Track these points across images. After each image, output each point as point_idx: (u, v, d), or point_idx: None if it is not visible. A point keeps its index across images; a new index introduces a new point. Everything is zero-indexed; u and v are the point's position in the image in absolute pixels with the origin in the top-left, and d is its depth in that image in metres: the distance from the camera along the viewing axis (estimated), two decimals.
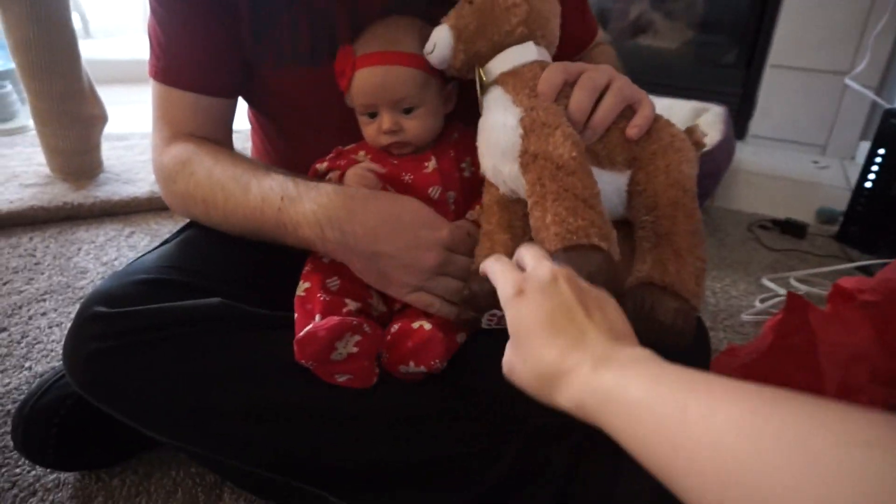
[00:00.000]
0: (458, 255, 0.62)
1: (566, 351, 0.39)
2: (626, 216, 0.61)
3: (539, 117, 0.55)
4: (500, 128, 0.58)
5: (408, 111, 0.64)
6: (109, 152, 1.67)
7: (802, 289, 1.20)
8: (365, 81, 0.63)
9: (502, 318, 0.56)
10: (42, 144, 1.51)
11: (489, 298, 0.56)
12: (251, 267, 0.66)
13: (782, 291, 1.17)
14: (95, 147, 1.55)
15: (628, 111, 0.59)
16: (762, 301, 1.16)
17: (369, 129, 0.67)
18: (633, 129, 0.58)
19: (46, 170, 1.54)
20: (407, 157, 0.68)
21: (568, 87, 0.58)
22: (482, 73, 0.61)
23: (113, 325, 0.56)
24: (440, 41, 0.61)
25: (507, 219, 0.62)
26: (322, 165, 0.68)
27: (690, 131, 0.62)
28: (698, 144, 0.62)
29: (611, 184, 0.58)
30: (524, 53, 0.60)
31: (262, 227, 0.62)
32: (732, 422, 0.28)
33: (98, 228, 1.36)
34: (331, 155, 0.70)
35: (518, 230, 0.61)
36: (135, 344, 0.55)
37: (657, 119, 0.60)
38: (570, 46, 0.77)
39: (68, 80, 1.42)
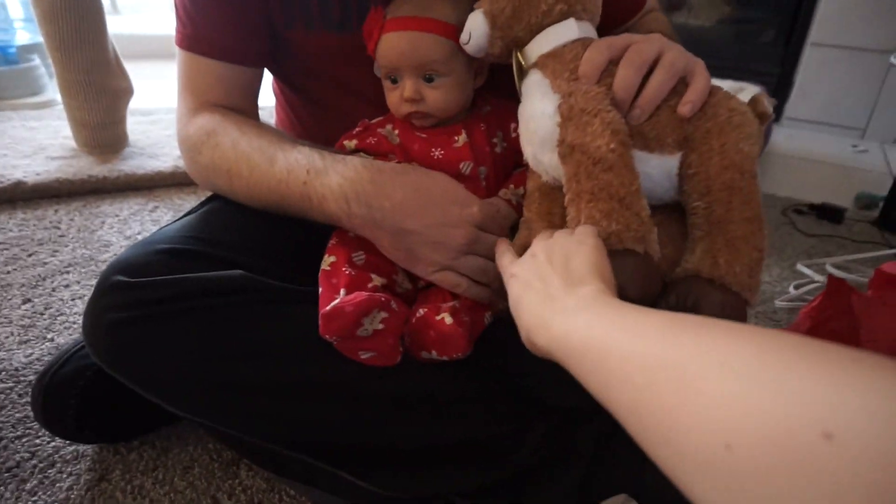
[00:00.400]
0: (489, 234, 0.60)
1: (535, 308, 0.44)
2: (677, 200, 0.57)
3: (577, 104, 0.51)
4: (538, 116, 0.55)
5: (430, 80, 0.61)
6: (135, 127, 1.67)
7: (839, 275, 1.16)
8: (390, 45, 0.61)
9: None
10: (68, 117, 1.51)
11: None
12: (275, 240, 0.65)
13: (818, 277, 1.13)
14: (121, 120, 1.55)
15: (681, 85, 0.54)
16: (797, 287, 1.12)
17: (392, 96, 0.64)
18: (686, 105, 0.53)
19: (73, 143, 1.55)
20: (436, 131, 0.65)
21: (613, 65, 0.54)
22: (521, 58, 0.58)
23: (132, 295, 0.54)
24: (475, 29, 0.57)
25: (547, 207, 0.59)
26: (351, 143, 0.66)
27: (755, 102, 0.56)
28: (763, 116, 0.56)
29: (660, 167, 0.54)
30: (564, 33, 0.56)
31: (286, 200, 0.61)
32: (640, 358, 0.31)
33: (122, 202, 1.36)
34: (358, 129, 0.67)
35: (557, 218, 0.58)
36: (154, 314, 0.54)
37: (713, 92, 0.54)
38: (617, 17, 0.74)
39: (95, 50, 1.42)
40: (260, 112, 0.75)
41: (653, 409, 0.28)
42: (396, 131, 0.66)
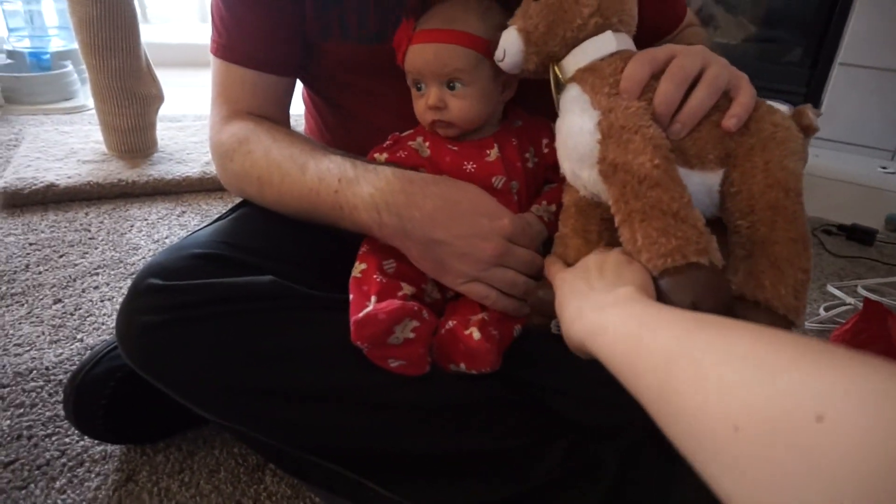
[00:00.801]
0: (519, 248, 0.59)
1: (576, 304, 0.48)
2: (717, 217, 0.55)
3: (618, 120, 0.50)
4: (577, 132, 0.54)
5: (453, 88, 0.62)
6: (164, 132, 1.69)
7: (871, 298, 1.14)
8: (416, 56, 0.62)
9: None
10: (100, 122, 1.54)
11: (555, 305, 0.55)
12: (305, 246, 0.65)
13: (849, 300, 1.11)
14: (151, 126, 1.58)
15: (723, 100, 0.52)
16: (827, 309, 1.10)
17: (418, 104, 0.65)
18: (731, 119, 0.51)
19: (103, 147, 1.57)
20: (467, 144, 0.65)
21: (654, 79, 0.53)
22: (558, 72, 0.57)
23: (166, 298, 0.55)
24: (509, 47, 0.57)
25: (583, 224, 0.58)
26: (381, 156, 0.66)
27: (799, 114, 0.54)
28: (808, 130, 0.54)
29: (701, 184, 0.52)
30: (602, 46, 0.55)
31: (317, 208, 0.61)
32: (665, 348, 0.33)
33: (150, 206, 1.38)
34: (388, 142, 0.68)
35: (593, 235, 0.58)
36: (187, 318, 0.55)
37: (756, 106, 0.53)
38: (657, 31, 0.73)
39: (128, 57, 1.45)
40: (291, 120, 0.76)
41: (672, 396, 0.31)
42: (427, 144, 0.66)
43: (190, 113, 1.96)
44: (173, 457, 0.72)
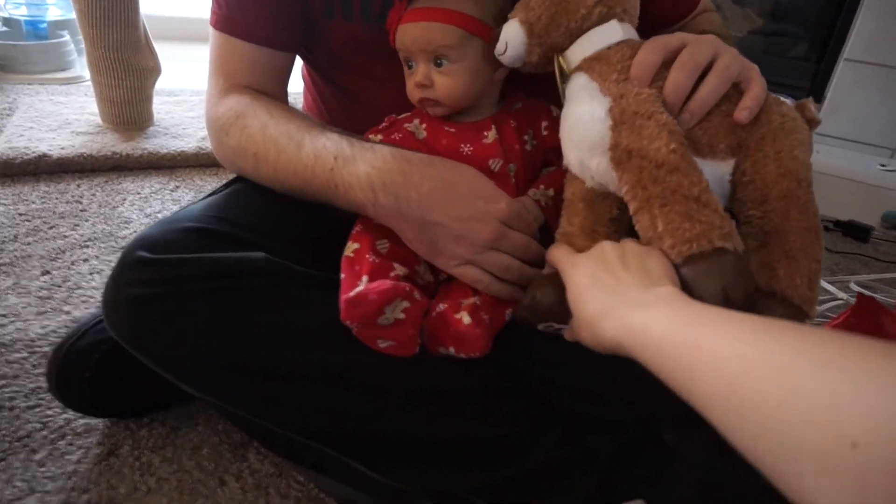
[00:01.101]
0: (515, 232, 0.58)
1: (605, 299, 0.45)
2: (728, 207, 0.54)
3: (630, 106, 0.49)
4: (587, 120, 0.52)
5: (440, 65, 0.61)
6: (160, 107, 1.67)
7: (864, 294, 1.13)
8: (405, 34, 0.61)
9: (560, 329, 0.53)
10: (95, 93, 1.52)
11: (551, 310, 0.53)
12: (298, 224, 0.65)
13: (842, 295, 1.11)
14: (147, 99, 1.56)
15: (733, 90, 0.52)
16: (820, 304, 1.10)
17: (408, 82, 0.64)
18: (743, 111, 0.51)
19: (98, 119, 1.55)
20: (465, 125, 0.64)
21: (664, 67, 0.52)
22: (562, 62, 0.56)
23: (155, 272, 0.54)
24: (511, 40, 0.56)
25: (592, 222, 0.56)
26: (377, 138, 0.65)
27: (802, 108, 0.54)
28: (812, 122, 0.54)
29: (712, 174, 0.51)
30: (608, 35, 0.54)
31: (311, 186, 0.60)
32: (734, 352, 0.32)
33: (144, 180, 1.37)
34: (384, 124, 0.67)
35: (601, 236, 0.55)
36: (176, 293, 0.54)
37: (765, 97, 0.53)
38: (671, 16, 0.72)
39: (125, 28, 1.42)
40: (289, 98, 0.75)
41: (750, 403, 0.29)
42: (424, 126, 0.65)
43: (188, 88, 1.93)
44: (157, 432, 0.72)
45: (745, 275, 0.45)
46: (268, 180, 0.65)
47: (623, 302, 0.43)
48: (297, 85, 0.86)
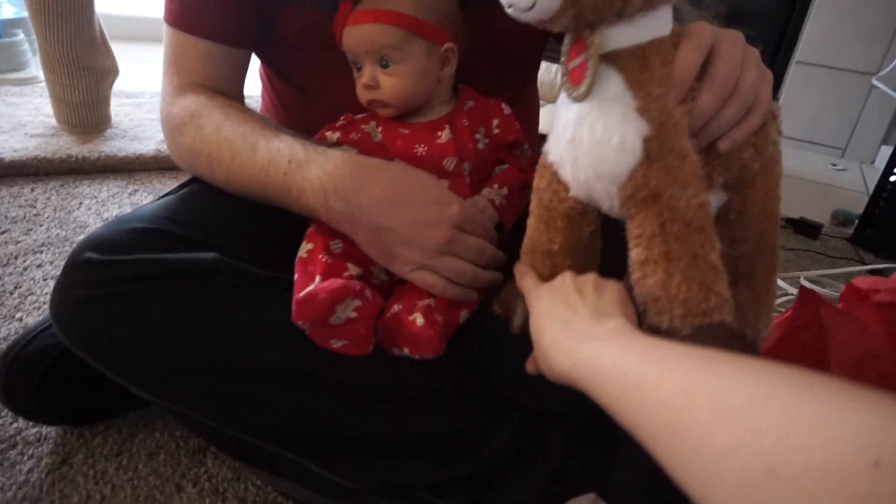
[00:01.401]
0: (469, 236, 0.59)
1: (559, 331, 0.45)
2: None
3: (669, 139, 0.42)
4: (614, 146, 0.44)
5: (386, 66, 0.62)
6: (118, 108, 1.65)
7: (813, 289, 1.17)
8: (349, 36, 0.62)
9: None
10: (50, 94, 1.49)
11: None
12: (253, 225, 0.64)
13: (792, 290, 1.15)
14: (104, 100, 1.53)
15: None
16: None
17: (357, 85, 0.65)
18: (726, 141, 0.47)
19: (53, 121, 1.52)
20: (419, 126, 0.65)
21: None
22: (596, 41, 0.43)
23: (103, 273, 0.54)
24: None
25: (573, 240, 0.52)
26: (333, 135, 0.66)
27: (772, 116, 0.50)
28: (778, 132, 0.51)
29: None
30: (659, 27, 0.44)
31: (265, 189, 0.60)
32: (676, 385, 0.32)
33: (101, 184, 1.34)
34: (341, 122, 0.67)
35: (577, 255, 0.52)
36: (124, 293, 0.53)
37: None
38: None
39: (79, 26, 1.39)
40: (246, 100, 0.74)
41: (688, 433, 0.30)
42: (380, 128, 0.65)
43: (147, 89, 1.90)
44: (112, 439, 0.71)
45: (735, 336, 0.46)
46: (222, 182, 0.64)
47: (575, 334, 0.44)
48: (255, 87, 0.85)
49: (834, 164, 2.09)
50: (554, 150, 0.50)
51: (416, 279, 0.59)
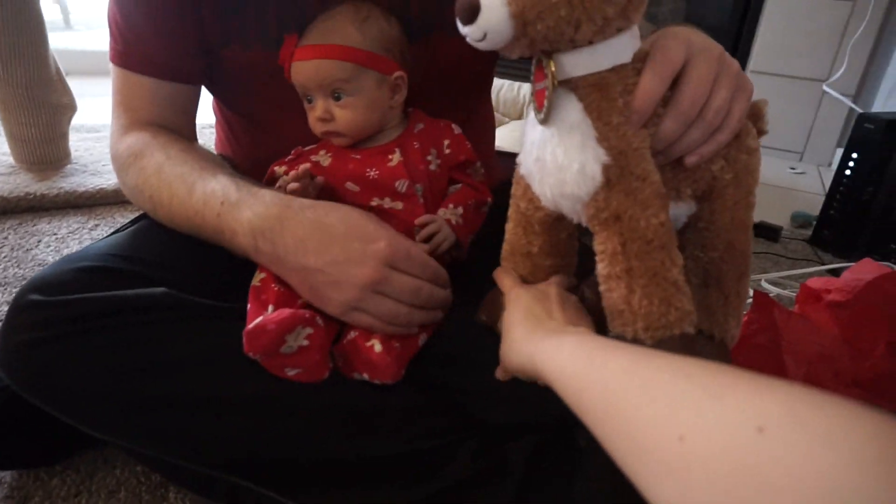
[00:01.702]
0: (401, 275, 0.56)
1: (529, 326, 0.49)
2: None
3: (629, 165, 0.43)
4: (575, 171, 0.45)
5: (339, 98, 0.62)
6: (78, 143, 1.63)
7: (773, 291, 1.20)
8: (298, 71, 0.62)
9: None
10: (6, 132, 1.47)
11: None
12: (205, 258, 0.64)
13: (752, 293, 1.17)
14: (62, 136, 1.51)
15: None
16: None
17: (310, 117, 0.65)
18: (693, 157, 0.47)
19: (10, 159, 1.50)
20: (370, 151, 0.66)
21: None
22: (552, 68, 0.44)
23: (47, 314, 0.53)
24: (493, 30, 0.41)
25: (551, 242, 0.55)
26: (281, 168, 0.66)
27: (757, 116, 0.51)
28: (761, 133, 0.51)
29: (670, 214, 0.47)
30: (618, 54, 0.44)
31: (202, 231, 0.60)
32: (619, 368, 0.36)
33: (61, 220, 1.33)
34: (290, 157, 0.67)
35: (559, 256, 0.55)
36: (70, 334, 0.53)
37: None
38: None
39: (34, 65, 1.39)
40: (200, 130, 0.74)
41: (622, 412, 0.33)
42: (329, 155, 0.66)
43: (108, 123, 1.89)
44: (70, 479, 0.69)
45: (705, 336, 0.47)
46: (165, 223, 0.64)
47: (543, 331, 0.48)
48: (209, 117, 0.85)
49: (793, 168, 2.14)
50: (525, 165, 0.52)
51: (352, 321, 0.57)
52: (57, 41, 1.44)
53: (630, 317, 0.45)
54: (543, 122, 0.46)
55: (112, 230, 1.28)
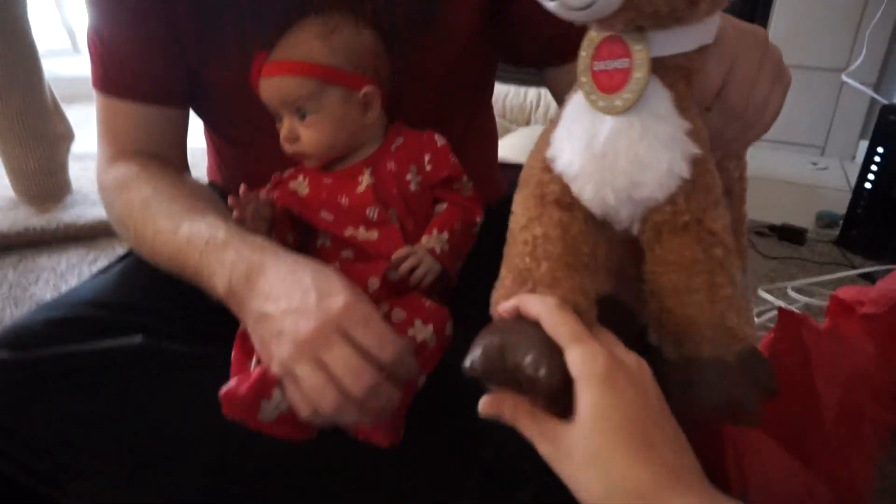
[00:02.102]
0: (347, 346, 0.46)
1: (663, 478, 0.34)
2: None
3: (707, 158, 0.40)
4: (659, 171, 0.39)
5: (303, 117, 0.59)
6: (80, 173, 1.61)
7: (801, 300, 1.13)
8: (264, 89, 0.59)
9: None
10: (5, 166, 1.46)
11: (550, 393, 0.39)
12: (194, 299, 0.60)
13: (779, 303, 1.10)
14: (61, 167, 1.50)
15: None
16: (759, 315, 1.09)
17: (280, 137, 0.61)
18: (717, 152, 0.45)
19: (11, 193, 1.49)
20: (340, 174, 0.61)
21: None
22: (641, 49, 0.38)
23: (15, 376, 0.50)
24: None
25: (574, 257, 0.43)
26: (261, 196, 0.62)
27: None
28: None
29: None
30: (707, 32, 0.40)
31: (184, 271, 0.56)
32: None
33: (61, 255, 1.31)
34: (268, 186, 0.64)
35: (576, 279, 0.42)
36: (40, 395, 0.50)
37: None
38: None
39: (29, 96, 1.38)
40: (191, 155, 0.71)
41: None
42: (307, 181, 0.62)
43: None
44: None
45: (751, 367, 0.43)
46: (148, 258, 0.61)
47: (671, 485, 0.34)
48: (200, 141, 0.82)
49: (815, 163, 2.06)
50: (569, 160, 0.42)
51: (286, 390, 0.48)
52: (65, 67, 1.43)
53: (708, 331, 0.40)
54: (620, 110, 0.39)
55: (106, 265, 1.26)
